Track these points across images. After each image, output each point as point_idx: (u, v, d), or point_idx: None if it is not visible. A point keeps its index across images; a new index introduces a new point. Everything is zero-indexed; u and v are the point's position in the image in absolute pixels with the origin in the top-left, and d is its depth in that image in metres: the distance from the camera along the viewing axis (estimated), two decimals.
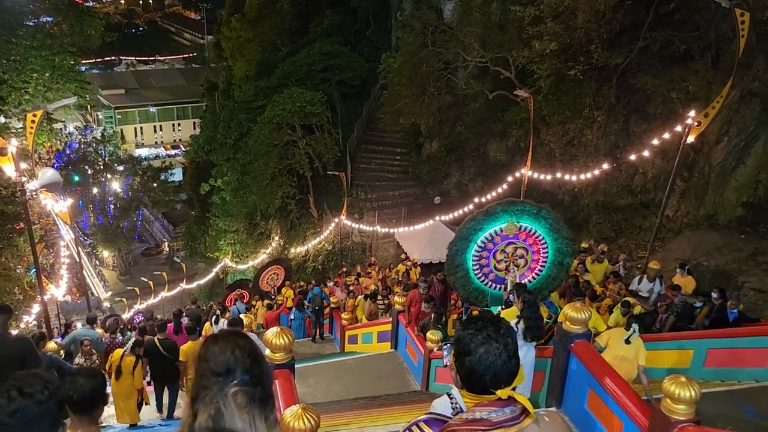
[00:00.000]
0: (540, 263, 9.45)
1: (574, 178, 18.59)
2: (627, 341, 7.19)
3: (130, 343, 9.37)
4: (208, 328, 13.66)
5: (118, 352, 9.14)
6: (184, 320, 13.45)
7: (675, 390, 4.65)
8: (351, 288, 18.37)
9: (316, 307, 16.04)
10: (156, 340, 9.79)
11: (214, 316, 14.35)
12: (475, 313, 8.59)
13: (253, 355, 1.95)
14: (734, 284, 13.12)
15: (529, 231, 9.00)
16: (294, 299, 17.99)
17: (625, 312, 10.19)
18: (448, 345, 2.41)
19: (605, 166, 17.50)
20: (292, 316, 16.35)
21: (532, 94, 17.09)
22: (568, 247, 9.31)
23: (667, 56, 17.26)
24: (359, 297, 16.23)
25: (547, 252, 9.29)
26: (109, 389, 7.98)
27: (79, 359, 9.40)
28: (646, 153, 16.18)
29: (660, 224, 15.06)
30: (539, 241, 9.15)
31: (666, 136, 14.41)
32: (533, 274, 9.54)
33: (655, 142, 14.98)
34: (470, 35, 23.02)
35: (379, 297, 16.87)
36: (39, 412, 2.06)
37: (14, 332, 10.41)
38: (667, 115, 17.42)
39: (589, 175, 17.96)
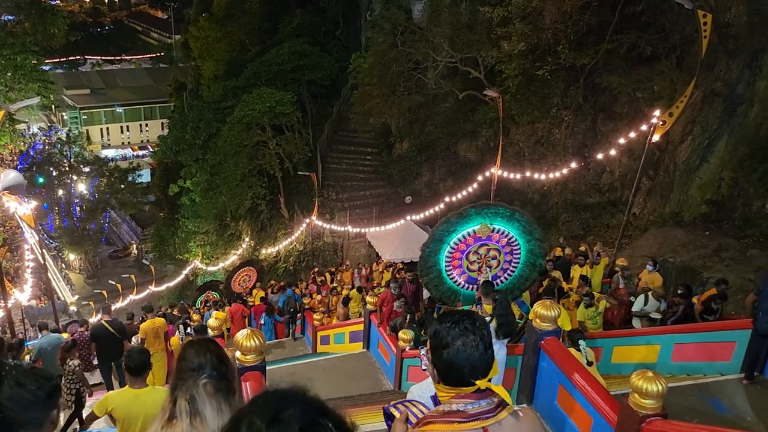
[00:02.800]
0: (512, 264, 9.53)
1: (543, 177, 18.76)
2: (589, 363, 7.19)
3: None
4: (175, 341, 13.24)
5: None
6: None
7: (643, 385, 4.72)
8: (334, 285, 18.39)
9: (291, 309, 16.03)
10: (104, 322, 10.35)
11: (181, 325, 14.15)
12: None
13: (220, 357, 2.63)
14: (699, 280, 13.39)
15: (502, 233, 9.07)
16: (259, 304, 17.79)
17: (588, 304, 10.34)
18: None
19: (573, 165, 17.71)
20: (262, 321, 16.24)
21: (501, 94, 17.22)
22: (541, 249, 9.41)
23: (633, 57, 17.55)
24: (352, 290, 16.09)
25: (520, 253, 9.38)
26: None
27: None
28: (613, 152, 16.40)
29: (627, 222, 15.30)
30: (512, 242, 9.23)
31: (632, 135, 14.63)
32: (505, 274, 9.62)
33: (622, 141, 15.19)
34: (439, 35, 23.12)
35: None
36: (31, 399, 2.47)
37: None
38: (633, 115, 17.71)
39: (557, 174, 18.15)
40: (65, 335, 13.31)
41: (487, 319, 7.07)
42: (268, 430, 1.24)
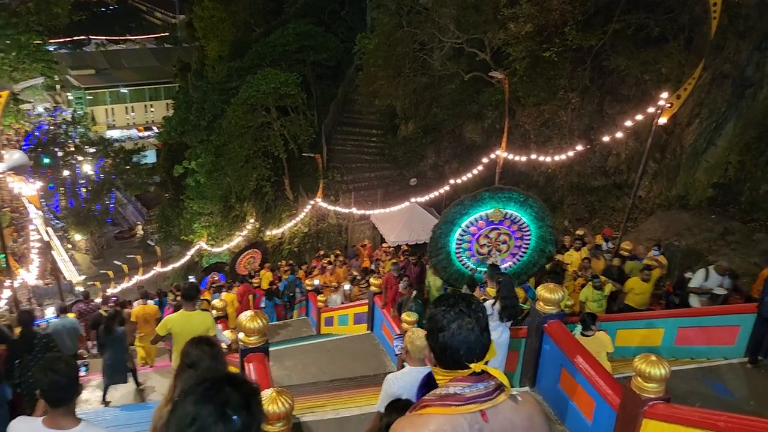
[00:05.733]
0: (522, 249, 9.54)
1: (548, 159, 18.69)
2: (582, 335, 7.31)
3: None
4: None
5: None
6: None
7: (646, 368, 4.71)
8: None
9: (291, 294, 16.20)
10: (102, 312, 11.24)
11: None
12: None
13: (212, 355, 3.43)
14: (704, 264, 13.35)
15: (514, 218, 9.06)
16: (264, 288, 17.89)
17: (597, 285, 10.35)
18: (401, 336, 2.50)
19: (579, 147, 17.63)
20: (263, 305, 16.35)
21: (507, 76, 17.11)
22: (552, 235, 9.41)
23: (640, 38, 17.34)
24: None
25: (530, 238, 9.38)
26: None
27: None
28: (619, 134, 16.30)
29: (633, 205, 15.23)
30: (523, 228, 9.22)
31: (639, 117, 14.51)
32: (514, 259, 9.62)
33: (629, 123, 15.08)
34: (445, 16, 22.88)
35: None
36: (65, 383, 3.14)
37: None
38: (640, 97, 17.55)
39: (563, 156, 18.07)
40: (71, 315, 13.54)
41: (491, 302, 7.07)
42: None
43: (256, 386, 1.78)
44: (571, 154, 17.80)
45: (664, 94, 12.98)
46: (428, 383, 2.38)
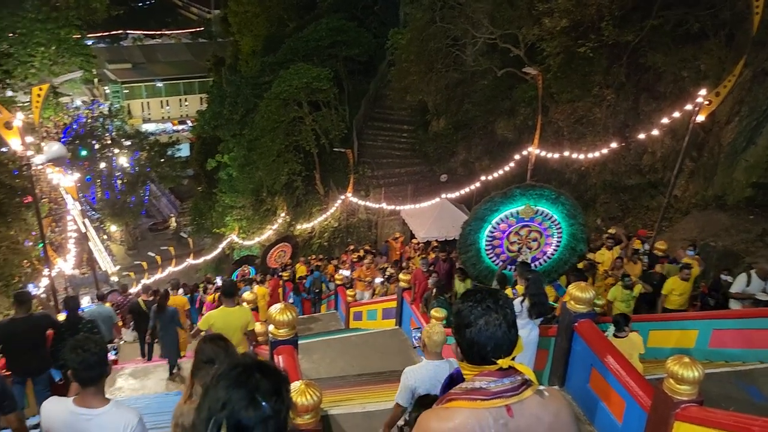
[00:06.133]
0: (553, 247, 9.44)
1: (581, 156, 18.46)
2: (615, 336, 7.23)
3: None
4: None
5: None
6: None
7: (678, 370, 4.63)
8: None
9: (317, 290, 16.35)
10: (140, 301, 11.61)
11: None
12: None
13: (227, 350, 3.50)
14: (745, 267, 13.05)
15: (546, 215, 8.96)
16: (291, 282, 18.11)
17: (627, 285, 10.18)
18: (419, 329, 2.52)
19: (614, 145, 17.36)
20: (290, 299, 16.50)
21: (541, 72, 16.89)
22: (583, 234, 9.29)
23: (679, 34, 17.00)
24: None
25: (561, 236, 9.27)
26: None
27: None
28: (655, 132, 16.02)
29: (668, 204, 14.95)
30: (554, 225, 9.12)
31: (676, 115, 14.23)
32: (545, 257, 9.52)
33: (665, 121, 14.80)
34: (479, 11, 22.70)
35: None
36: (94, 360, 3.23)
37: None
38: (678, 94, 17.21)
39: (597, 154, 17.84)
40: (107, 304, 13.97)
41: (519, 299, 7.02)
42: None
43: (286, 374, 1.82)
44: (605, 151, 17.56)
45: (703, 92, 12.71)
46: (450, 384, 2.38)
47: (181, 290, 14.69)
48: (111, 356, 9.43)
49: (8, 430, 4.92)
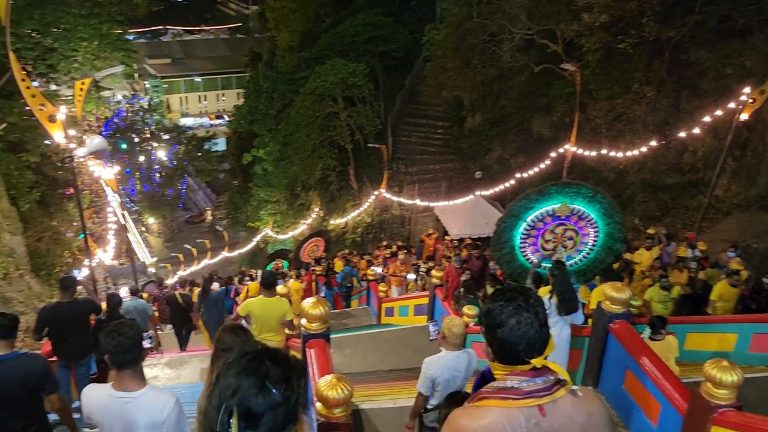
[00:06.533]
0: (589, 246, 9.30)
1: (620, 155, 18.16)
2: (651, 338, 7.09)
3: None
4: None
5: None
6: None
7: (716, 374, 4.53)
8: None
9: (348, 285, 16.42)
10: (177, 294, 11.83)
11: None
12: None
13: (245, 338, 3.61)
14: None
15: (582, 214, 8.83)
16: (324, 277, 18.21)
17: (665, 285, 9.95)
18: (437, 321, 2.51)
19: (653, 143, 17.04)
20: (322, 293, 16.59)
21: (579, 68, 16.65)
22: (620, 233, 9.11)
23: (723, 30, 16.58)
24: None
25: (598, 235, 9.12)
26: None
27: None
28: (696, 130, 15.66)
29: (708, 204, 14.64)
30: (591, 224, 8.98)
31: (718, 113, 13.90)
32: (581, 256, 9.38)
33: (707, 119, 14.47)
34: (517, 6, 22.46)
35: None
36: (129, 343, 3.33)
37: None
38: (721, 92, 16.77)
39: (635, 152, 17.53)
40: (145, 295, 14.40)
41: (547, 296, 6.92)
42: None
43: (296, 361, 1.82)
44: (644, 149, 17.24)
45: (747, 89, 12.40)
46: (482, 382, 2.36)
47: (215, 284, 14.91)
48: (146, 344, 9.63)
49: (53, 415, 5.03)
